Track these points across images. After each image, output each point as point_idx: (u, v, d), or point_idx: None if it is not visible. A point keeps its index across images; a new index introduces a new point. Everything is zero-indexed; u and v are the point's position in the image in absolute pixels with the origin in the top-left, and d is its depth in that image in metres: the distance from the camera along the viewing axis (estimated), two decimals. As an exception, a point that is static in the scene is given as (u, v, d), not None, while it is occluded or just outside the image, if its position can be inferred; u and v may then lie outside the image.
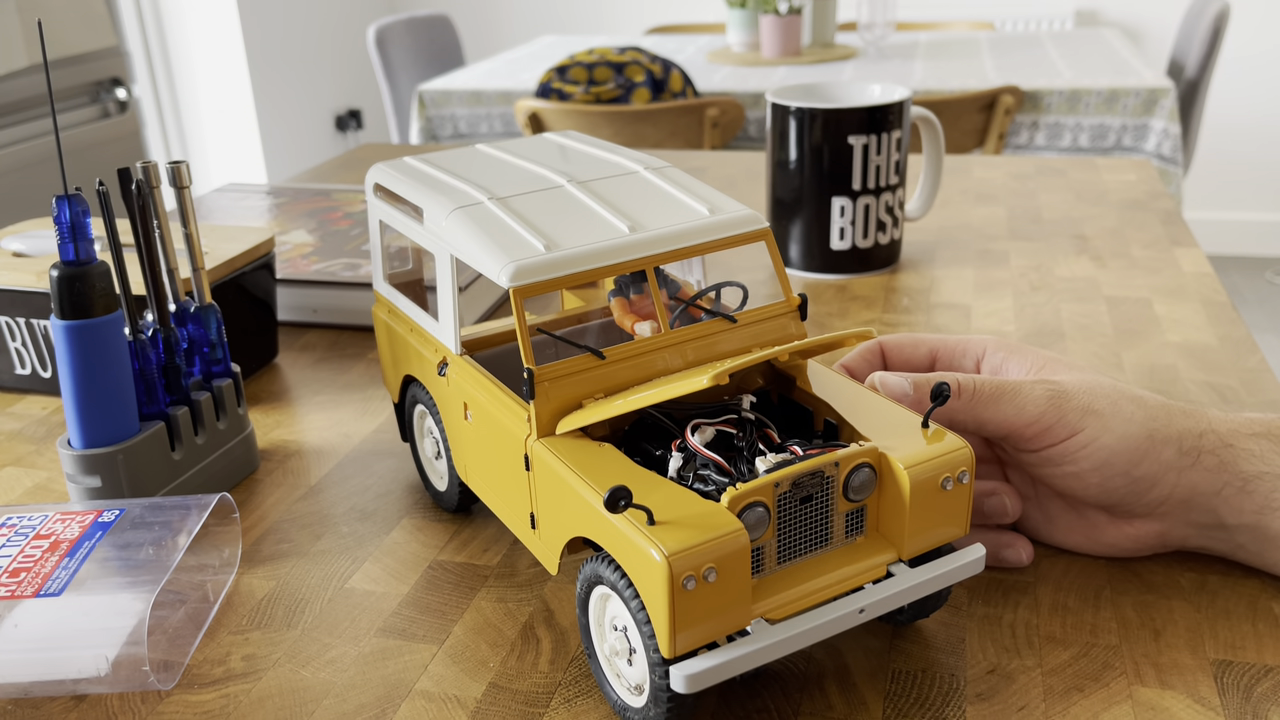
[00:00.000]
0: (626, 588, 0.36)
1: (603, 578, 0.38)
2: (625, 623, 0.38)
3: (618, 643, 0.39)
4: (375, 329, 0.57)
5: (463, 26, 3.70)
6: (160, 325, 0.55)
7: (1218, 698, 0.41)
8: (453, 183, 0.49)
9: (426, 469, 0.56)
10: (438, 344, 0.49)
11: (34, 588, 0.43)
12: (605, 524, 0.37)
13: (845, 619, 0.38)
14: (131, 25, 3.01)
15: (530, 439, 0.42)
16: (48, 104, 2.03)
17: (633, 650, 0.38)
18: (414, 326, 0.52)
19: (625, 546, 0.36)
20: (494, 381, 0.45)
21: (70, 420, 0.51)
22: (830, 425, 0.44)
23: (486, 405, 0.45)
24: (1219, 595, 0.47)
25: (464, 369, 0.47)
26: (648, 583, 0.35)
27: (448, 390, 0.49)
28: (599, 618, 0.40)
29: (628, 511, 0.36)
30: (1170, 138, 1.88)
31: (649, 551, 0.34)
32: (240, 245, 0.70)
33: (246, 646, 0.46)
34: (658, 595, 0.35)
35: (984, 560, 0.41)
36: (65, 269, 0.49)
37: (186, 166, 0.55)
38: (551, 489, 0.41)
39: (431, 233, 0.47)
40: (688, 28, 3.19)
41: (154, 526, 0.47)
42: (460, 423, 0.48)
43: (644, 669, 0.38)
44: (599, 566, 0.38)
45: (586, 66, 2.05)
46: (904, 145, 0.84)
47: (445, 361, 0.49)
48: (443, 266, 0.47)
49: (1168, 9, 3.33)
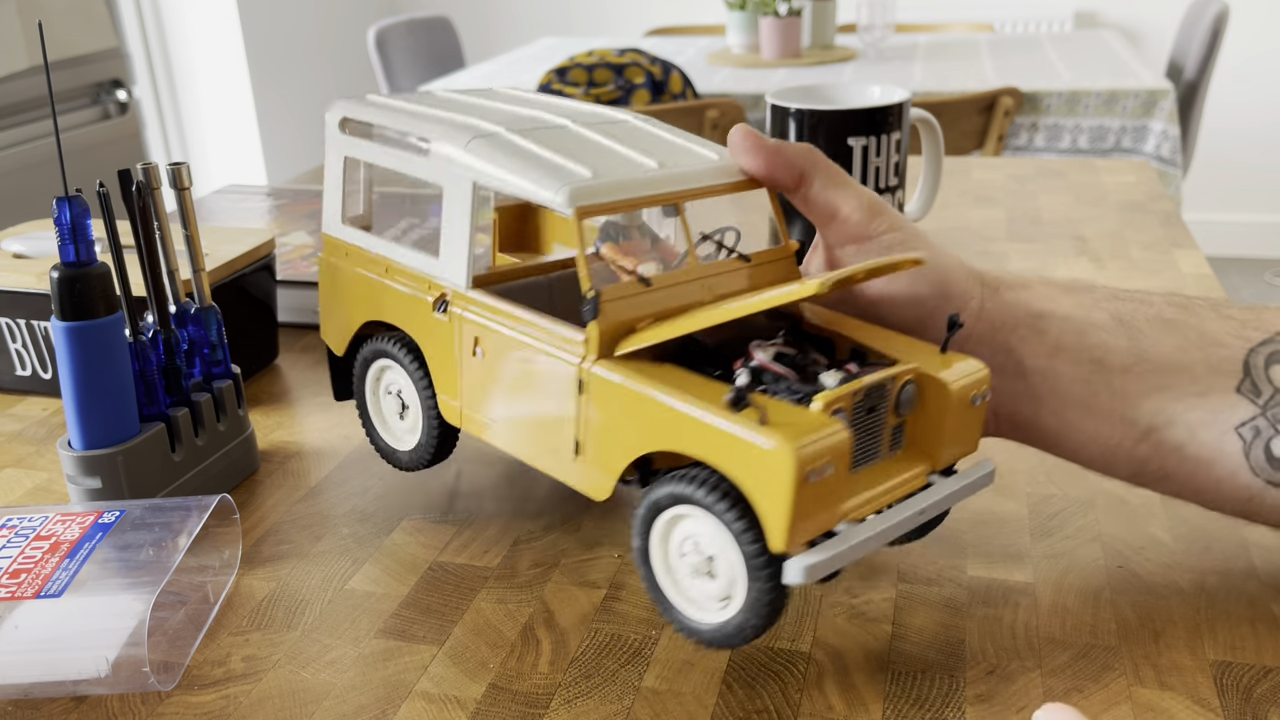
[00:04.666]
0: (720, 499, 0.38)
1: (683, 495, 0.39)
2: (709, 536, 0.39)
3: (693, 562, 0.40)
4: (320, 278, 0.55)
5: (463, 28, 3.69)
6: (161, 326, 0.55)
7: (1217, 699, 0.41)
8: (453, 116, 0.48)
9: (381, 430, 0.55)
10: (431, 281, 0.48)
11: (34, 589, 0.43)
12: (703, 431, 0.38)
13: (911, 519, 0.41)
14: (132, 26, 3.01)
15: (587, 361, 0.42)
16: (48, 105, 2.02)
17: (713, 561, 0.39)
18: (392, 267, 0.50)
19: (734, 448, 0.37)
20: (524, 311, 0.45)
21: (70, 421, 0.51)
22: (857, 351, 0.45)
23: (514, 335, 0.45)
24: (1218, 596, 0.47)
25: (477, 302, 0.46)
26: (766, 478, 0.36)
27: (446, 328, 0.48)
28: (665, 541, 0.41)
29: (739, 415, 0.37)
30: (1169, 139, 1.88)
31: (772, 446, 0.36)
32: (241, 247, 0.70)
33: (247, 648, 0.46)
34: (779, 489, 0.36)
35: (994, 474, 0.44)
36: (66, 270, 0.49)
37: (187, 168, 0.55)
38: (617, 408, 0.41)
39: (445, 162, 0.46)
40: (687, 29, 3.19)
41: (154, 528, 0.47)
42: (466, 361, 0.47)
43: (731, 579, 0.39)
44: (677, 485, 0.39)
45: (586, 68, 2.05)
46: (903, 147, 0.84)
47: (444, 298, 0.48)
48: (456, 198, 0.46)
49: (1167, 10, 3.33)
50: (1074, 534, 0.52)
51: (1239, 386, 0.45)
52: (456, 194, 0.46)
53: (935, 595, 0.48)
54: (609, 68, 2.05)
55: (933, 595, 0.48)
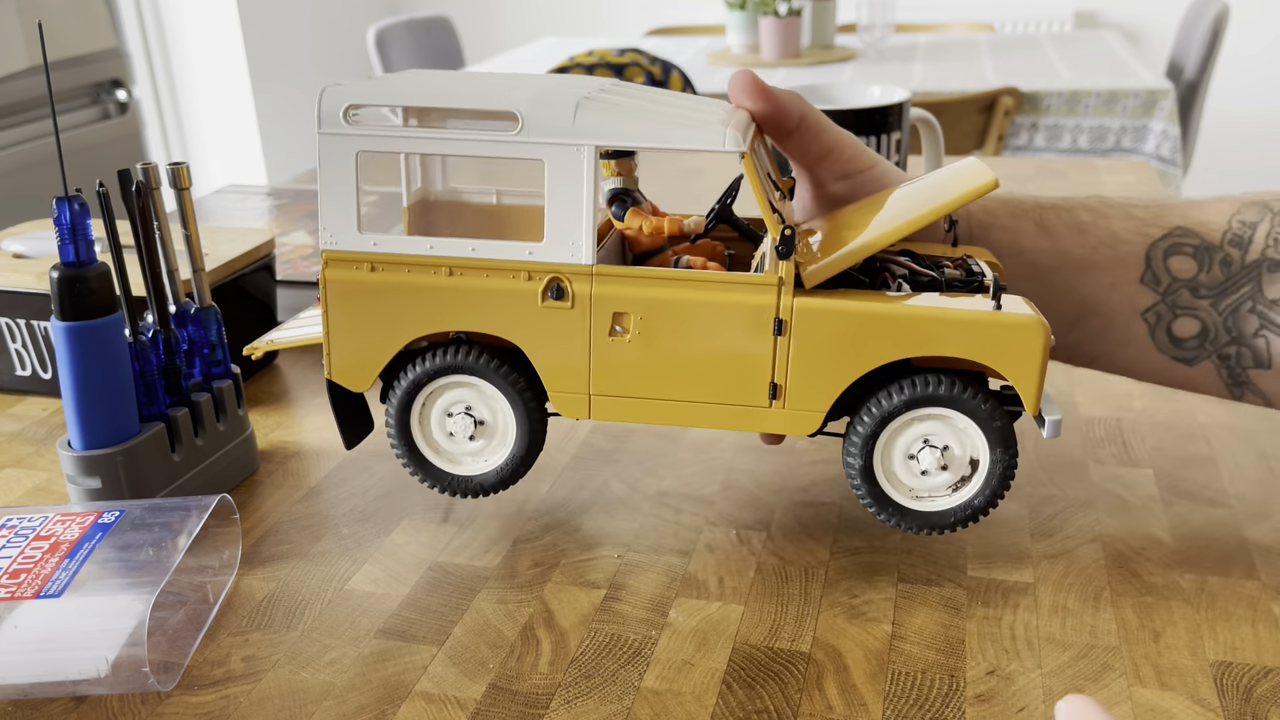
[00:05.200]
0: (963, 390, 0.44)
1: (929, 394, 0.44)
2: (944, 430, 0.45)
3: (930, 459, 0.45)
4: (327, 304, 0.47)
5: (463, 28, 3.69)
6: (160, 326, 0.55)
7: (1217, 699, 0.41)
8: (506, 87, 0.46)
9: (437, 459, 0.49)
10: (531, 268, 0.45)
11: (34, 589, 0.43)
12: (948, 328, 0.43)
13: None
14: (132, 26, 3.01)
15: (784, 299, 0.44)
16: (48, 105, 2.02)
17: (948, 451, 0.45)
18: (461, 264, 0.45)
19: (988, 332, 0.43)
20: (679, 270, 0.44)
21: (70, 421, 0.51)
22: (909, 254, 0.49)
23: (682, 296, 0.44)
24: (1218, 597, 0.47)
25: (616, 274, 0.44)
26: (1022, 351, 0.43)
27: (564, 316, 0.45)
28: (889, 447, 0.46)
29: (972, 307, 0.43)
30: (1169, 139, 1.88)
31: (1030, 321, 0.43)
32: (240, 247, 0.70)
33: (246, 648, 0.46)
34: (1033, 357, 0.43)
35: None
36: (65, 270, 0.49)
37: (187, 168, 0.55)
38: (831, 337, 0.44)
39: (548, 132, 0.43)
40: (687, 29, 3.19)
41: (154, 528, 0.47)
42: (600, 343, 0.45)
43: (968, 462, 0.45)
44: (919, 388, 0.44)
45: (586, 68, 2.05)
46: (904, 147, 0.84)
47: (558, 282, 0.45)
48: (568, 170, 0.44)
49: (1167, 10, 3.33)
50: (1074, 534, 0.52)
51: (1142, 278, 0.51)
52: (568, 164, 0.43)
53: (935, 595, 0.48)
54: (609, 68, 2.05)
55: (933, 595, 0.48)
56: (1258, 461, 0.58)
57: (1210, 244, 0.50)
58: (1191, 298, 0.50)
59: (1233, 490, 0.55)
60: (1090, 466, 0.58)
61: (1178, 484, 0.56)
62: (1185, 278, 0.50)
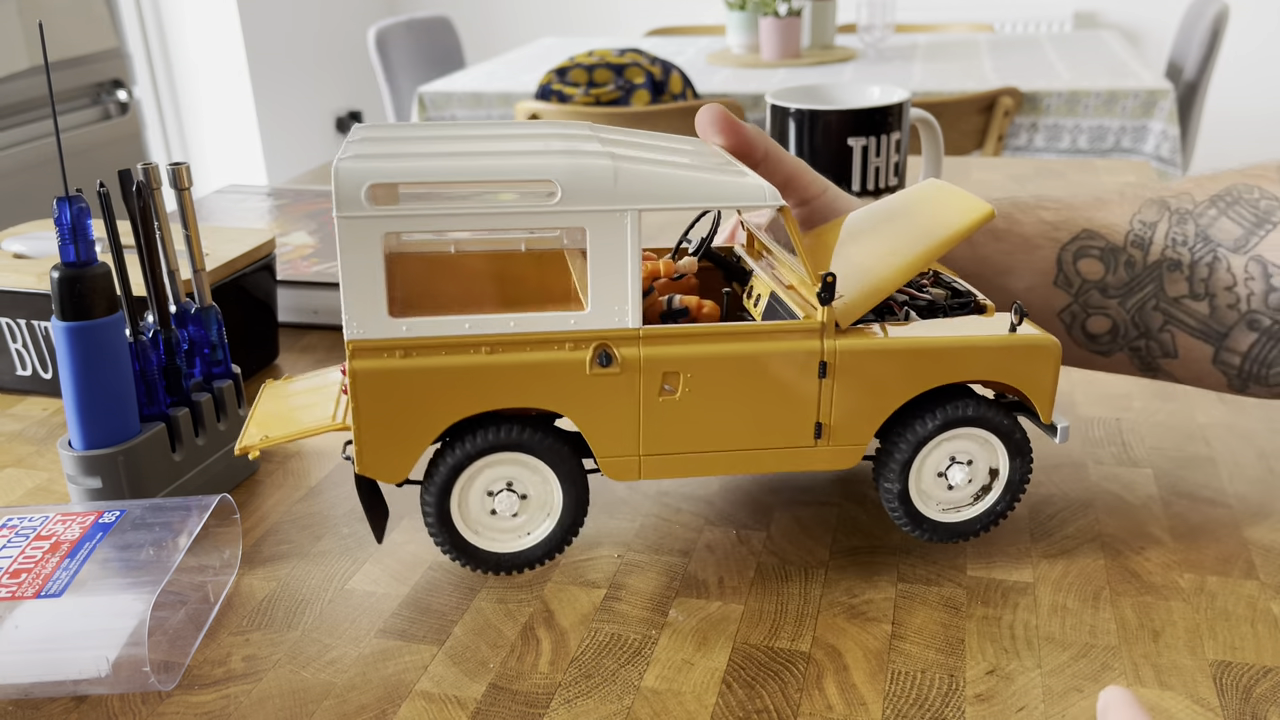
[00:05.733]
0: (989, 409, 0.47)
1: (960, 416, 0.46)
2: (972, 446, 0.48)
3: (960, 474, 0.48)
4: (360, 393, 0.43)
5: (463, 28, 3.69)
6: (161, 326, 0.55)
7: (1217, 699, 0.41)
8: (529, 150, 0.44)
9: (477, 539, 0.47)
10: (576, 338, 0.44)
11: (35, 589, 0.43)
12: (978, 354, 0.45)
13: None
14: (132, 27, 3.01)
15: (828, 341, 0.45)
16: (49, 105, 2.02)
17: (972, 465, 0.48)
18: (502, 340, 0.43)
19: (1012, 353, 0.46)
20: (725, 325, 0.45)
21: (71, 421, 0.51)
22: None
23: (732, 348, 0.44)
24: (1218, 596, 0.47)
25: (664, 334, 0.44)
26: (1040, 367, 0.46)
27: (612, 381, 0.44)
28: (921, 467, 0.48)
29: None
30: (1169, 139, 1.88)
31: (1046, 340, 0.46)
32: (241, 247, 0.70)
33: (247, 647, 0.46)
34: (1049, 372, 0.46)
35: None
36: (66, 270, 0.49)
37: (187, 168, 0.55)
38: (872, 373, 0.45)
39: (590, 199, 0.42)
40: (687, 30, 3.19)
41: (154, 527, 0.47)
42: (650, 404, 0.45)
43: (989, 472, 0.48)
44: (950, 411, 0.46)
45: (586, 68, 2.05)
46: (903, 147, 0.84)
47: (605, 349, 0.44)
48: (611, 236, 0.43)
49: (1166, 10, 3.33)
50: (1074, 534, 0.52)
51: (1055, 280, 0.54)
52: (612, 230, 0.43)
53: (935, 595, 0.48)
54: (609, 68, 2.05)
55: (933, 595, 0.48)
56: (1258, 461, 0.58)
57: (1115, 246, 0.53)
58: (1101, 297, 0.54)
59: (1232, 490, 0.55)
60: (1090, 466, 0.58)
61: (1177, 484, 0.56)
62: (1094, 279, 0.53)
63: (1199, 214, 0.52)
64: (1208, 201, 0.53)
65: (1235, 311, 0.51)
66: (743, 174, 0.45)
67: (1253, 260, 0.50)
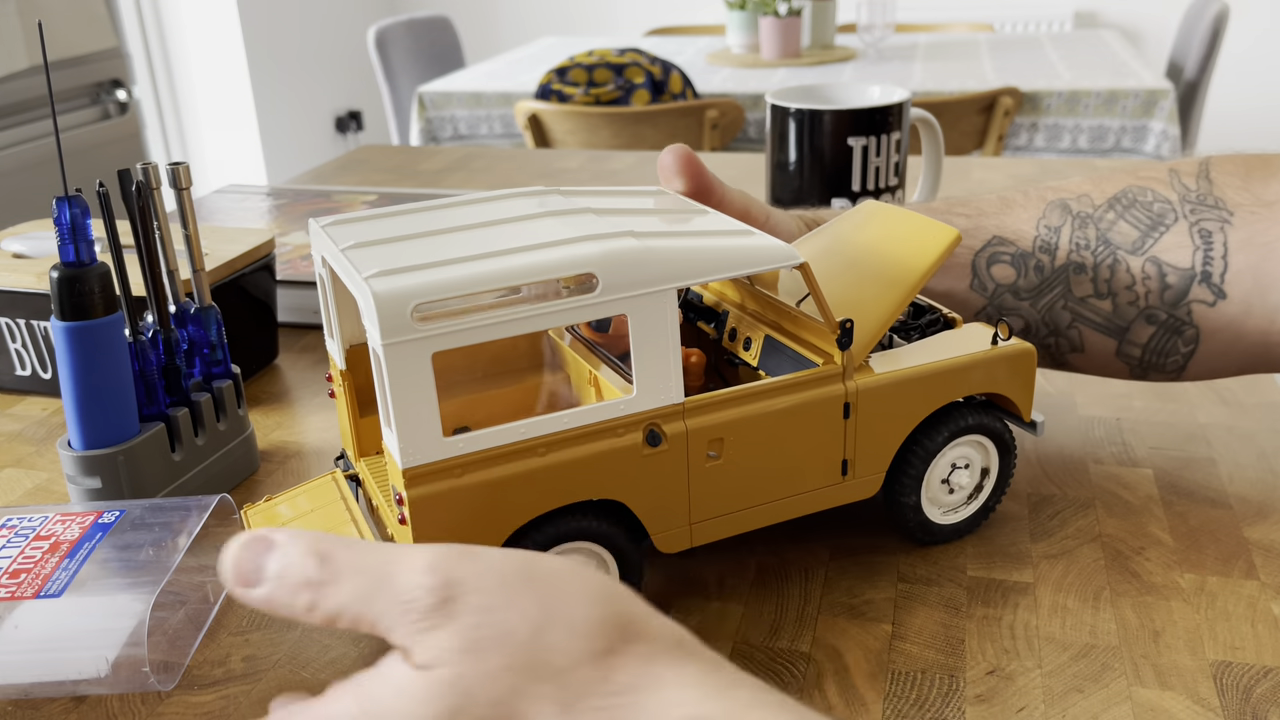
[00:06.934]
0: (985, 415, 0.50)
1: (963, 425, 0.49)
2: (969, 449, 0.50)
3: (963, 476, 0.51)
4: (417, 518, 0.40)
5: (463, 28, 3.69)
6: (160, 326, 0.55)
7: (1217, 699, 0.41)
8: (558, 244, 0.42)
9: None
10: (625, 421, 0.43)
11: (34, 589, 0.43)
12: (976, 370, 0.49)
13: None
14: (132, 26, 3.01)
15: (849, 383, 0.46)
16: (48, 105, 2.02)
17: (969, 468, 0.51)
18: (555, 440, 0.42)
19: (1002, 364, 0.49)
20: (758, 384, 0.45)
21: (70, 421, 0.51)
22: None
23: (767, 405, 0.45)
24: (1218, 596, 0.47)
25: (708, 402, 0.44)
26: (1022, 372, 0.50)
27: (661, 458, 0.44)
28: (930, 478, 0.50)
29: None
30: (1169, 139, 1.88)
31: (1025, 350, 0.50)
32: (240, 247, 0.70)
33: (246, 648, 0.46)
34: (1028, 374, 0.50)
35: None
36: (65, 270, 0.49)
37: (187, 168, 0.55)
38: (888, 405, 0.47)
39: (629, 285, 0.41)
40: (687, 29, 3.20)
41: (154, 528, 0.47)
42: (698, 473, 0.45)
43: (981, 472, 0.51)
44: (955, 423, 0.49)
45: (586, 68, 2.06)
46: (903, 147, 0.84)
47: (653, 428, 0.43)
48: (652, 316, 0.42)
49: (1167, 10, 3.33)
50: (1074, 534, 0.52)
51: (971, 285, 0.58)
52: (653, 311, 0.42)
53: (935, 595, 0.48)
54: (609, 68, 2.05)
55: (933, 595, 0.48)
56: (1258, 461, 0.58)
57: (1025, 251, 0.57)
58: (1014, 300, 0.57)
59: (1232, 490, 0.55)
60: (1090, 466, 0.58)
61: (1178, 484, 0.56)
62: (1007, 283, 0.57)
63: (1098, 218, 0.56)
64: (1106, 205, 0.56)
65: (1135, 308, 0.55)
66: (750, 234, 0.45)
67: (1149, 261, 0.54)
